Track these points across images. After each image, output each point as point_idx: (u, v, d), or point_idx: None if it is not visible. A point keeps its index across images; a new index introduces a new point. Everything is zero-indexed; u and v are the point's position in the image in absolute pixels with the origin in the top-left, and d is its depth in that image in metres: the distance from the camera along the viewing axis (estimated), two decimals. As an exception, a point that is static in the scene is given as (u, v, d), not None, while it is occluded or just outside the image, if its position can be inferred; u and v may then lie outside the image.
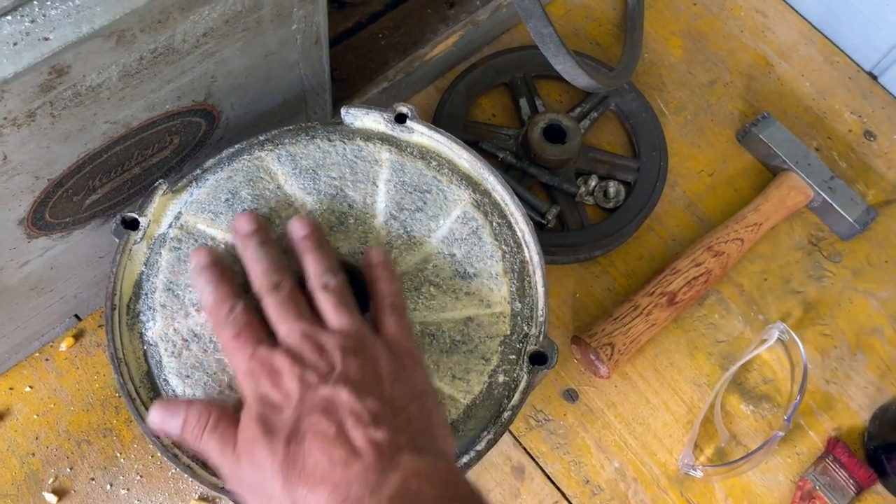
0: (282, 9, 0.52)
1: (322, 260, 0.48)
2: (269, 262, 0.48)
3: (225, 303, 0.46)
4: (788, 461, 0.68)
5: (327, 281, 0.47)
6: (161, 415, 0.45)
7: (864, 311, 0.74)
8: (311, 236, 0.49)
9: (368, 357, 0.44)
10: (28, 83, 0.42)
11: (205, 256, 0.48)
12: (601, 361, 0.67)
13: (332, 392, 0.42)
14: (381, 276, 0.49)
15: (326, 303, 0.46)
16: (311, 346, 0.44)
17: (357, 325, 0.46)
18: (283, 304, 0.46)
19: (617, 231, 0.74)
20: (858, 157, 0.82)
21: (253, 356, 0.44)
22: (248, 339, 0.45)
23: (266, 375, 0.43)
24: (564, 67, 0.62)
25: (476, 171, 0.56)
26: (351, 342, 0.44)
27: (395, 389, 0.44)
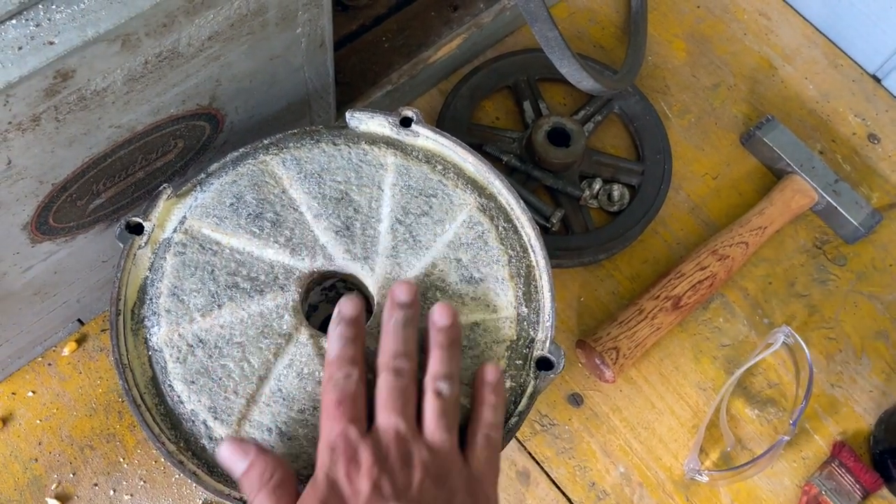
0: (287, 12, 0.52)
1: (449, 362, 0.47)
2: (403, 344, 0.47)
3: (344, 364, 0.45)
4: (794, 466, 0.68)
5: (443, 388, 0.46)
6: (230, 451, 0.44)
7: (868, 315, 0.74)
8: (450, 331, 0.48)
9: (447, 489, 0.43)
10: (33, 87, 0.41)
11: (351, 309, 0.47)
12: (606, 366, 0.67)
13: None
14: (487, 401, 0.47)
15: (432, 409, 0.45)
16: (399, 451, 0.43)
17: (450, 448, 0.44)
18: (395, 391, 0.45)
19: (621, 234, 0.73)
20: (863, 160, 0.82)
21: (343, 433, 0.43)
22: (346, 411, 0.44)
23: (345, 460, 0.42)
24: (569, 71, 0.62)
25: (482, 175, 0.56)
26: (437, 466, 0.43)
27: None
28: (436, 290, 0.52)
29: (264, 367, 0.49)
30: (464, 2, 0.80)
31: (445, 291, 0.52)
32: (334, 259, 0.52)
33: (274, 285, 0.51)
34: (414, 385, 0.46)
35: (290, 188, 0.54)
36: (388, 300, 0.49)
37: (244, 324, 0.50)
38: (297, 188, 0.54)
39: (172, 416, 0.48)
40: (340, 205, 0.53)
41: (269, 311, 0.50)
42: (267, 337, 0.49)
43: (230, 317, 0.50)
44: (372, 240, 0.53)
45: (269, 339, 0.49)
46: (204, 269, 0.51)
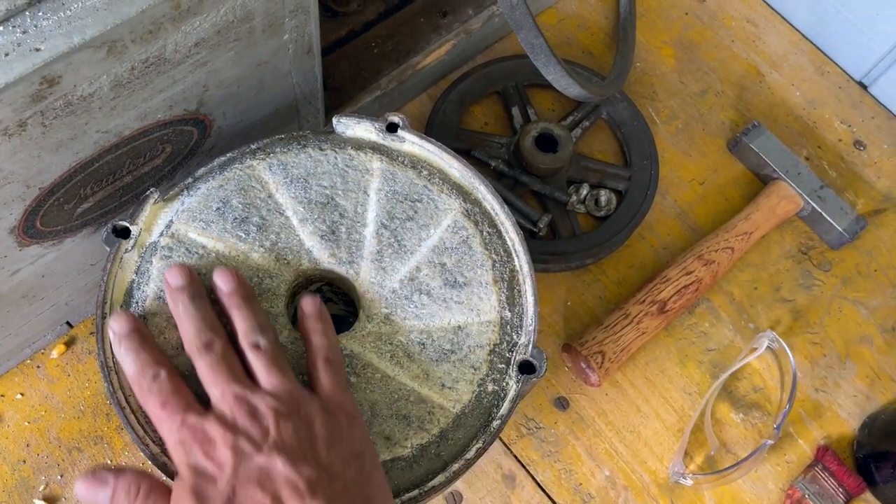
0: (273, 19, 0.53)
1: (251, 317, 0.47)
2: (200, 320, 0.46)
3: (147, 371, 0.45)
4: (778, 469, 0.68)
5: (257, 340, 0.46)
6: (87, 486, 0.43)
7: (853, 320, 0.75)
8: (238, 292, 0.48)
9: (302, 419, 0.43)
10: (19, 93, 0.42)
11: (124, 323, 0.47)
12: (592, 370, 0.67)
13: (266, 461, 0.41)
14: (314, 329, 0.48)
15: (258, 363, 0.45)
16: (243, 410, 0.43)
17: (289, 385, 0.45)
18: (215, 365, 0.44)
19: (608, 239, 0.74)
20: (848, 166, 0.83)
21: (183, 424, 0.43)
22: (175, 407, 0.43)
23: (198, 444, 0.42)
24: (555, 77, 0.63)
25: (467, 181, 0.57)
26: (284, 405, 0.43)
27: (332, 453, 0.43)
28: (420, 293, 0.52)
29: (249, 370, 0.49)
30: (453, 8, 0.80)
31: (430, 295, 0.52)
32: (319, 263, 0.53)
33: (259, 289, 0.51)
34: (231, 351, 0.46)
35: (277, 193, 0.54)
36: (166, 290, 0.48)
37: (229, 327, 0.50)
38: (284, 193, 0.54)
39: (157, 419, 0.48)
40: (326, 209, 0.54)
41: (254, 315, 0.51)
42: (252, 340, 0.50)
43: (215, 320, 0.50)
44: (357, 244, 0.53)
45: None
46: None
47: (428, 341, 0.51)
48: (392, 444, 0.49)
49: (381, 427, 0.49)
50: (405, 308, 0.52)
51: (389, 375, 0.51)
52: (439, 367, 0.51)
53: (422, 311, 0.52)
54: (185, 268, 0.49)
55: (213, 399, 0.44)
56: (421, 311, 0.52)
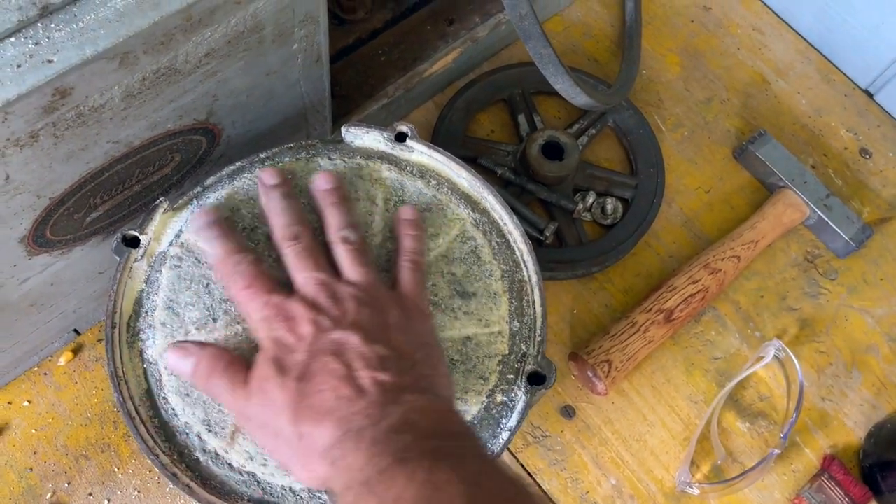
0: (283, 29, 0.53)
1: (343, 214, 0.50)
2: (290, 214, 0.50)
3: (233, 255, 0.48)
4: (784, 479, 0.68)
5: (347, 234, 0.49)
6: (174, 356, 0.47)
7: (859, 329, 0.75)
8: (335, 192, 0.51)
9: (379, 308, 0.47)
10: (31, 105, 0.42)
11: (212, 213, 0.50)
12: (598, 378, 0.67)
13: (342, 336, 0.44)
14: (407, 233, 0.52)
15: (344, 255, 0.48)
16: (326, 294, 0.46)
17: (371, 278, 0.48)
18: (301, 253, 0.48)
19: (614, 247, 0.74)
20: (854, 174, 0.83)
21: (268, 303, 0.46)
22: (260, 289, 0.46)
23: (281, 320, 0.45)
24: (563, 86, 0.63)
25: (475, 191, 0.57)
26: (364, 294, 0.47)
27: (402, 338, 0.46)
28: (428, 303, 0.52)
29: (258, 380, 0.49)
30: (460, 16, 0.81)
31: (438, 305, 0.52)
32: (328, 273, 0.53)
33: (268, 299, 0.51)
34: (317, 245, 0.49)
35: (286, 202, 0.54)
36: (259, 189, 0.52)
37: (239, 337, 0.50)
38: (293, 202, 0.54)
39: (167, 429, 0.49)
40: None
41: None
42: (261, 350, 0.50)
43: (225, 330, 0.50)
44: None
45: None
46: (199, 282, 0.51)
47: (437, 351, 0.51)
48: (401, 454, 0.49)
49: (390, 437, 0.49)
50: None
51: (398, 386, 0.50)
52: (448, 378, 0.51)
53: None
54: (279, 171, 0.52)
55: (297, 283, 0.47)
56: None
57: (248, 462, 0.48)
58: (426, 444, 0.40)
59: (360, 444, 0.40)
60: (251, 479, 0.47)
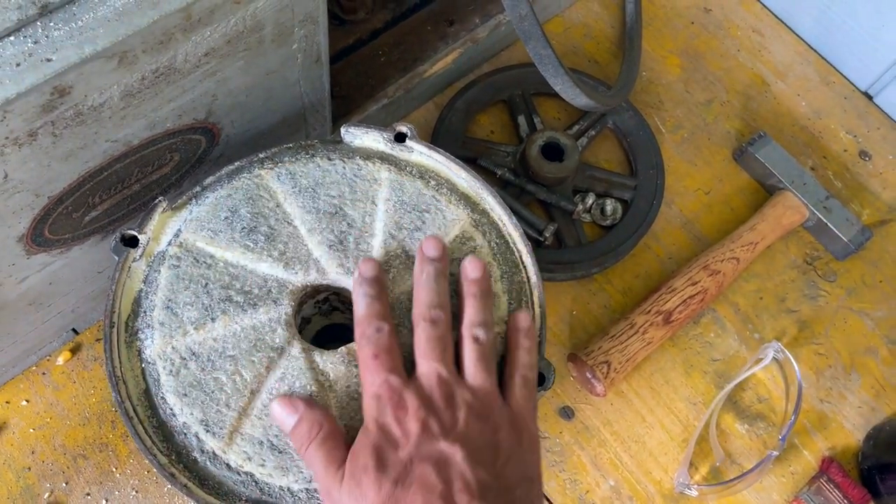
0: (283, 29, 0.53)
1: (483, 310, 0.49)
2: (437, 295, 0.48)
3: (374, 320, 0.47)
4: (783, 481, 0.68)
5: (479, 334, 0.48)
6: (281, 408, 0.47)
7: (858, 331, 0.75)
8: (481, 282, 0.50)
9: (491, 424, 0.45)
10: (30, 103, 0.42)
11: (372, 269, 0.50)
12: (597, 379, 0.67)
13: (449, 448, 0.43)
14: (522, 345, 0.49)
15: (471, 354, 0.47)
16: (442, 393, 0.45)
17: (491, 387, 0.46)
18: (433, 339, 0.46)
19: (614, 249, 0.74)
20: (853, 176, 0.83)
21: (386, 381, 0.45)
22: (384, 363, 0.45)
23: (392, 405, 0.44)
24: (563, 88, 0.63)
25: (474, 191, 0.57)
26: (480, 404, 0.45)
27: (508, 467, 0.44)
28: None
29: (256, 380, 0.49)
30: (460, 16, 0.81)
31: (437, 306, 0.52)
32: (327, 273, 0.53)
33: (267, 299, 0.51)
34: (450, 334, 0.48)
35: (285, 202, 0.54)
36: (417, 256, 0.51)
37: (237, 337, 0.50)
38: (292, 202, 0.54)
39: (165, 429, 0.48)
40: (334, 219, 0.54)
41: (261, 325, 0.51)
42: (259, 350, 0.50)
43: (223, 330, 0.50)
44: (365, 254, 0.53)
45: (261, 352, 0.50)
46: (198, 282, 0.51)
47: (435, 352, 0.51)
48: (399, 455, 0.49)
49: (388, 438, 0.49)
50: None
51: (397, 386, 0.50)
52: (447, 379, 0.51)
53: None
54: (442, 243, 0.51)
55: (419, 370, 0.46)
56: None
57: (246, 462, 0.47)
58: None
59: None
60: (249, 480, 0.47)
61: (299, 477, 0.47)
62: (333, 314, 0.60)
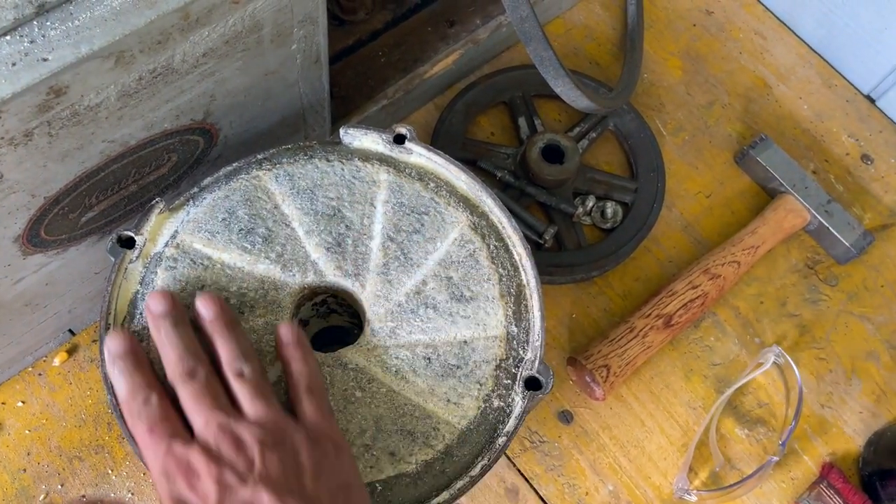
0: (282, 29, 0.52)
1: (234, 344, 0.46)
2: (182, 348, 0.45)
3: (139, 393, 0.44)
4: (783, 486, 0.68)
5: (240, 367, 0.45)
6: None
7: (859, 336, 0.74)
8: (220, 318, 0.47)
9: (288, 450, 0.43)
10: (26, 103, 0.41)
11: (120, 343, 0.46)
12: (597, 383, 0.67)
13: (251, 495, 0.40)
14: (293, 356, 0.47)
15: (242, 392, 0.44)
16: (228, 440, 0.42)
17: (274, 414, 0.44)
18: (198, 393, 0.44)
19: (614, 252, 0.74)
20: (855, 180, 0.82)
21: (168, 453, 0.42)
22: (162, 434, 0.42)
23: (182, 476, 0.41)
24: (564, 90, 0.62)
25: (474, 194, 0.56)
26: (270, 435, 0.43)
27: (318, 484, 0.42)
28: (426, 307, 0.52)
29: (253, 383, 0.49)
30: (460, 17, 0.80)
31: (436, 309, 0.52)
32: (325, 275, 0.52)
33: (264, 301, 0.51)
34: (215, 379, 0.45)
35: (283, 204, 0.54)
36: (147, 316, 0.47)
37: (234, 340, 0.50)
38: (290, 204, 0.54)
39: (160, 432, 0.48)
40: (332, 221, 0.54)
41: (258, 328, 0.50)
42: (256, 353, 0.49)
43: (220, 332, 0.50)
44: (363, 256, 0.53)
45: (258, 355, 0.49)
46: (195, 284, 0.51)
47: (433, 356, 0.51)
48: (396, 459, 0.48)
49: (385, 442, 0.49)
50: (411, 322, 0.52)
51: (394, 390, 0.50)
52: (445, 383, 0.50)
53: (427, 326, 0.51)
54: (167, 294, 0.47)
55: (197, 428, 0.43)
56: (427, 325, 0.51)
57: (241, 466, 0.47)
58: None
59: None
60: (245, 484, 0.47)
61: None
62: (331, 316, 0.60)
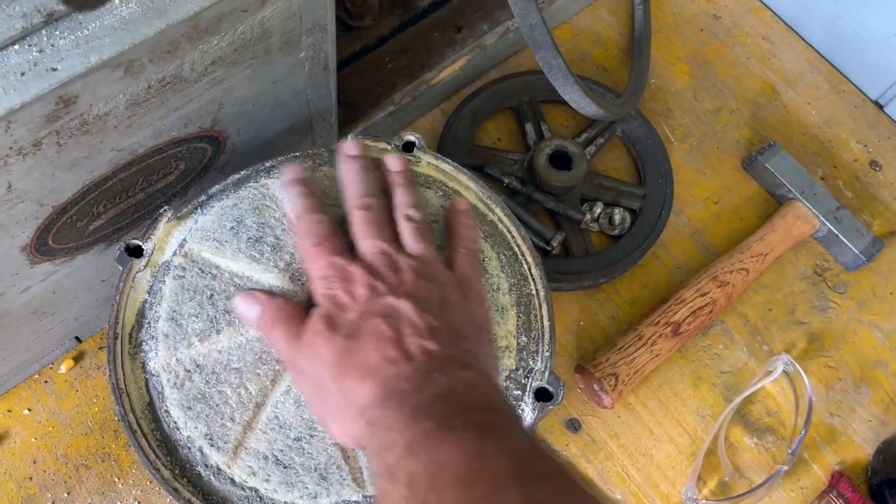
0: (290, 37, 0.52)
1: (411, 195, 0.51)
2: (365, 186, 0.51)
3: (312, 213, 0.49)
4: (792, 496, 0.67)
5: (412, 213, 0.50)
6: (243, 304, 0.49)
7: (868, 344, 0.74)
8: (404, 174, 0.53)
9: (436, 282, 0.47)
10: (35, 113, 0.41)
11: (297, 171, 0.51)
12: (605, 392, 0.66)
13: (395, 302, 0.45)
14: (462, 222, 0.52)
15: (408, 230, 0.49)
16: (386, 262, 0.47)
17: (432, 254, 0.49)
18: (369, 221, 0.49)
19: (622, 258, 0.73)
20: (864, 186, 0.82)
21: (330, 263, 0.47)
22: (326, 248, 0.47)
23: (339, 279, 0.46)
24: (573, 97, 0.62)
25: (483, 203, 0.56)
26: (422, 266, 0.47)
27: (455, 314, 0.46)
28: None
29: (261, 393, 0.48)
30: (467, 23, 0.80)
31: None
32: (334, 285, 0.52)
33: (273, 311, 0.51)
34: (385, 216, 0.50)
35: (291, 212, 0.54)
36: (339, 157, 0.52)
37: (242, 349, 0.49)
38: (298, 212, 0.54)
39: (168, 443, 0.48)
40: (341, 229, 0.53)
41: (267, 337, 0.50)
42: (265, 363, 0.49)
43: (228, 342, 0.49)
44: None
45: (266, 365, 0.49)
46: (203, 293, 0.50)
47: (443, 366, 0.51)
48: (406, 470, 0.48)
49: (394, 453, 0.48)
50: None
51: (404, 400, 0.50)
52: (454, 393, 0.50)
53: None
54: (361, 144, 0.53)
55: (361, 249, 0.48)
56: None
57: (250, 477, 0.47)
58: (471, 416, 0.40)
59: (402, 406, 0.41)
60: (254, 495, 0.47)
61: (304, 493, 0.47)
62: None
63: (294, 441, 0.48)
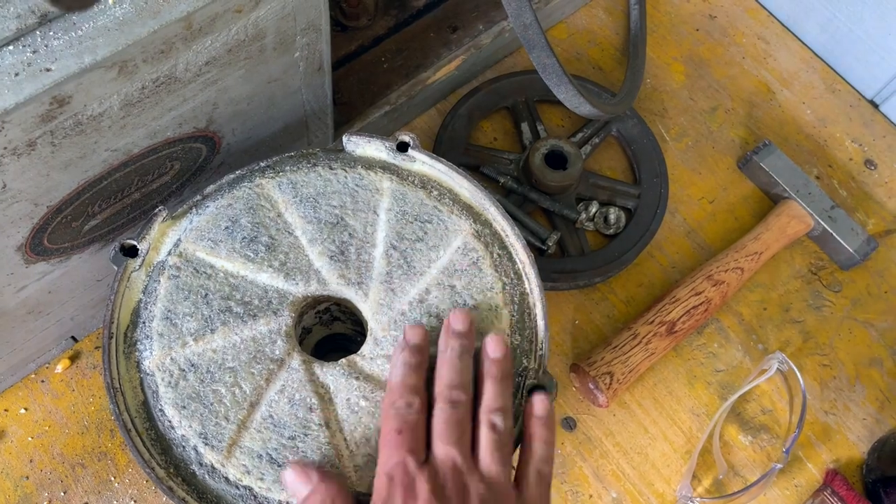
0: (285, 37, 0.52)
1: (502, 395, 0.47)
2: (459, 375, 0.47)
3: (406, 393, 0.46)
4: (786, 493, 0.68)
5: (497, 421, 0.46)
6: (294, 476, 0.45)
7: (863, 342, 0.74)
8: (503, 363, 0.49)
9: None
10: (29, 113, 0.41)
11: (418, 337, 0.49)
12: (600, 390, 0.67)
13: None
14: (539, 435, 0.48)
15: (487, 442, 0.46)
16: (455, 483, 0.44)
17: (505, 480, 0.45)
18: (451, 423, 0.45)
19: (617, 258, 0.73)
20: (859, 185, 0.82)
21: (401, 463, 0.44)
22: (405, 441, 0.44)
23: (402, 490, 0.43)
24: (567, 97, 0.62)
25: (477, 202, 0.56)
26: (492, 499, 0.44)
27: None
28: (429, 316, 0.52)
29: (256, 392, 0.49)
30: (463, 23, 0.80)
31: (439, 318, 0.52)
32: (328, 284, 0.52)
33: (267, 310, 0.51)
34: (469, 416, 0.47)
35: (286, 212, 0.54)
36: (444, 328, 0.49)
37: (237, 349, 0.50)
38: (293, 212, 0.54)
39: (163, 441, 0.48)
40: (336, 229, 0.54)
41: (261, 336, 0.50)
42: (259, 362, 0.49)
43: (223, 341, 0.50)
44: (366, 265, 0.53)
45: (261, 364, 0.49)
46: (198, 292, 0.51)
47: (437, 365, 0.51)
48: (400, 469, 0.48)
49: (388, 452, 0.48)
50: None
51: (398, 399, 0.50)
52: (448, 392, 0.50)
53: (431, 335, 0.51)
54: (469, 316, 0.50)
55: (435, 452, 0.45)
56: (430, 334, 0.51)
57: (244, 476, 0.47)
58: None
59: None
60: (248, 494, 0.47)
61: (298, 491, 0.47)
62: (334, 324, 0.60)
63: (288, 440, 0.48)
